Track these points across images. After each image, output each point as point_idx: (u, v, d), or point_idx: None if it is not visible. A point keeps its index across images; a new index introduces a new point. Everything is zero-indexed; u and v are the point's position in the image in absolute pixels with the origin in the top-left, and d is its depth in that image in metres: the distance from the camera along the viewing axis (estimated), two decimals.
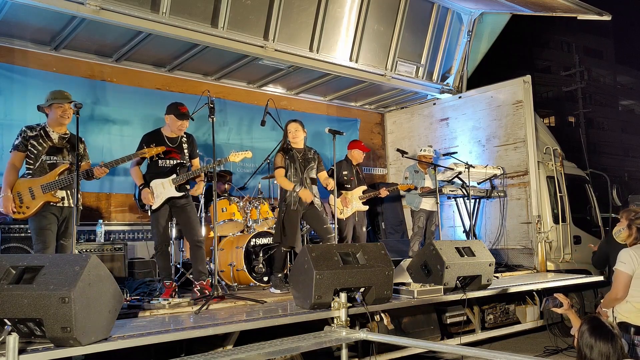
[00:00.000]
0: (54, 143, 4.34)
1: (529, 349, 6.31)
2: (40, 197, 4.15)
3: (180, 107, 4.89)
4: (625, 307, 3.67)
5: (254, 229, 6.07)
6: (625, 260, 3.66)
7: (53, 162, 4.29)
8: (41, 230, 4.16)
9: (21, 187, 4.18)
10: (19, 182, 4.20)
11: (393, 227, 8.67)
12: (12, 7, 5.28)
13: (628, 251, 3.71)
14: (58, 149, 4.33)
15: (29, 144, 4.26)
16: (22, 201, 4.14)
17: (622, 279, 3.65)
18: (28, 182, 4.21)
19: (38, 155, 4.26)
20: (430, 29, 8.15)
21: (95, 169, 4.34)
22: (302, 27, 6.89)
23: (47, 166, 4.26)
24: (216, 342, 3.55)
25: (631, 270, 3.63)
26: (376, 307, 4.23)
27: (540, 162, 7.60)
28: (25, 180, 4.24)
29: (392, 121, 9.64)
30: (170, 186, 4.77)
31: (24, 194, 4.15)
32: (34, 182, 4.20)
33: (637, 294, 3.63)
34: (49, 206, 4.20)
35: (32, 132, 4.29)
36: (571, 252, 7.54)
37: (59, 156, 4.32)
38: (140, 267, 6.15)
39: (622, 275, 3.64)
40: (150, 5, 5.64)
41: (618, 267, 3.69)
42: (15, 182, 4.19)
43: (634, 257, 3.65)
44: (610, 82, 38.60)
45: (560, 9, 7.71)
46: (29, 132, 4.28)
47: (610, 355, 2.63)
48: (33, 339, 2.89)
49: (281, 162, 5.27)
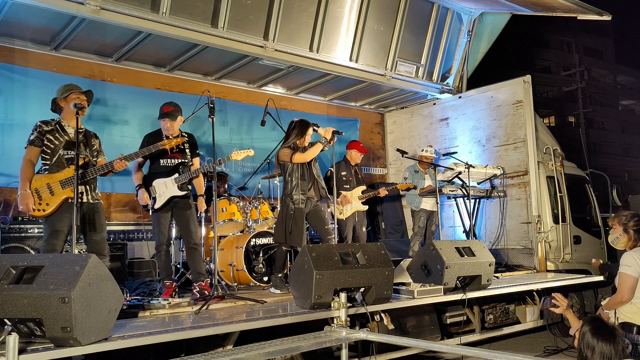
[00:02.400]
0: (71, 137, 4.23)
1: (529, 349, 6.31)
2: (59, 193, 4.04)
3: (163, 107, 4.89)
4: (629, 308, 3.67)
5: (254, 229, 6.07)
6: (629, 263, 3.67)
7: (71, 157, 4.15)
8: (55, 232, 4.05)
9: (38, 183, 4.05)
10: (35, 179, 4.07)
11: (393, 227, 8.67)
12: (12, 7, 5.28)
13: (631, 254, 3.71)
14: (75, 143, 4.20)
15: (45, 138, 4.14)
16: (41, 198, 4.01)
17: (628, 282, 3.65)
18: (45, 178, 4.08)
19: (55, 150, 4.15)
20: (430, 29, 8.15)
21: (115, 162, 4.24)
22: (302, 27, 6.89)
23: (64, 161, 4.15)
24: (216, 342, 3.55)
25: (637, 273, 3.64)
26: (376, 307, 4.23)
27: (540, 162, 7.60)
28: (41, 176, 4.10)
29: (392, 121, 9.64)
30: (173, 185, 4.79)
31: (42, 190, 4.03)
32: (51, 177, 4.08)
33: None
34: (67, 203, 4.07)
35: (48, 126, 4.18)
36: (571, 252, 7.55)
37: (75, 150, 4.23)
38: (140, 267, 6.15)
39: (628, 278, 3.65)
40: (150, 5, 5.64)
41: (623, 271, 3.68)
42: (33, 178, 4.06)
43: (638, 259, 3.66)
44: (610, 82, 38.61)
45: (560, 9, 7.70)
46: (45, 126, 4.17)
47: (612, 356, 2.61)
48: (33, 339, 2.89)
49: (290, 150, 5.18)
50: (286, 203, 5.15)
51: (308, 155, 5.17)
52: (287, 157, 5.16)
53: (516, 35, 28.94)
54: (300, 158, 5.15)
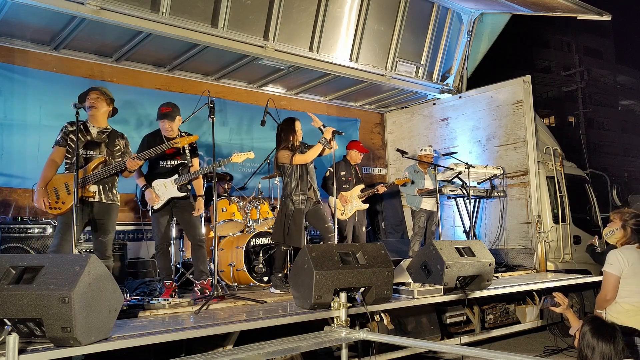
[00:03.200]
0: (93, 137, 4.30)
1: (529, 349, 6.30)
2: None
3: (161, 108, 4.89)
4: (615, 307, 3.68)
5: (254, 229, 6.08)
6: (612, 261, 3.68)
7: (89, 157, 4.23)
8: (66, 225, 4.08)
9: (58, 182, 4.13)
10: (57, 178, 4.16)
11: (393, 227, 8.67)
12: (12, 7, 5.28)
13: (616, 252, 3.72)
14: (96, 143, 4.29)
15: (69, 138, 4.22)
16: (59, 197, 4.08)
17: (610, 281, 3.68)
18: (64, 177, 4.16)
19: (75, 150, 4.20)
20: (430, 29, 8.15)
21: (128, 161, 4.28)
22: (302, 27, 6.89)
23: (82, 160, 4.20)
24: (216, 342, 3.55)
25: (618, 272, 3.65)
26: (376, 307, 4.23)
27: (540, 162, 7.60)
28: (62, 175, 4.20)
29: (392, 121, 9.64)
30: (172, 186, 4.79)
31: (60, 189, 4.10)
32: (69, 177, 4.13)
33: (625, 294, 3.65)
34: (83, 201, 4.12)
35: (73, 126, 4.23)
36: (571, 252, 7.55)
37: (95, 150, 4.28)
38: (140, 267, 6.15)
39: (610, 276, 3.67)
40: (150, 5, 5.64)
41: (606, 269, 3.71)
42: (52, 177, 4.14)
43: (621, 258, 3.66)
44: (610, 82, 38.63)
45: (560, 9, 7.70)
46: (69, 126, 4.26)
47: (612, 356, 2.62)
48: (33, 339, 2.89)
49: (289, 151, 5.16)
50: (285, 204, 5.14)
51: (308, 156, 5.15)
52: (287, 159, 5.13)
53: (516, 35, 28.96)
54: (300, 160, 5.13)
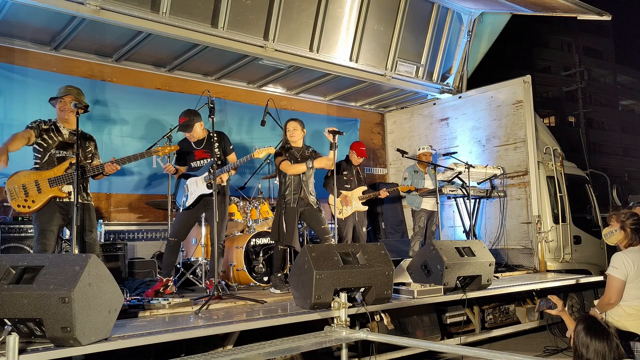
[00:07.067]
0: (65, 138, 4.26)
1: (529, 349, 6.30)
2: (47, 191, 4.03)
3: (180, 118, 5.05)
4: (616, 311, 3.65)
5: (254, 229, 6.07)
6: (617, 265, 3.62)
7: (62, 156, 4.19)
8: (43, 232, 4.05)
9: (27, 179, 4.01)
10: (24, 174, 4.04)
11: (393, 227, 8.67)
12: (12, 7, 5.28)
13: (620, 255, 3.66)
14: (68, 144, 4.25)
15: (41, 137, 4.17)
16: (28, 194, 3.98)
17: (615, 285, 3.60)
18: (34, 175, 4.05)
19: (47, 149, 4.17)
20: (430, 29, 8.15)
21: (107, 165, 4.27)
22: (302, 27, 6.89)
23: (55, 160, 4.16)
24: (216, 342, 3.55)
25: (624, 276, 3.58)
26: (376, 307, 4.23)
27: (540, 162, 7.60)
28: (30, 172, 4.09)
29: (392, 121, 9.64)
30: (203, 184, 4.91)
31: (29, 186, 3.99)
32: (40, 174, 4.06)
33: (628, 297, 3.60)
34: (54, 202, 4.08)
35: (45, 125, 4.23)
36: (571, 252, 7.54)
37: (68, 151, 4.23)
38: (140, 267, 6.15)
39: (615, 280, 3.60)
40: (150, 5, 5.64)
41: (610, 272, 3.64)
42: (13, 143, 3.99)
43: (627, 261, 3.60)
44: (610, 82, 38.60)
45: (560, 9, 7.70)
46: (43, 124, 4.23)
47: (605, 353, 2.63)
48: (33, 339, 2.89)
49: (282, 156, 5.26)
50: (279, 203, 5.27)
51: (290, 169, 5.19)
52: (277, 162, 5.29)
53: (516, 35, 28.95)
54: (284, 167, 5.22)
